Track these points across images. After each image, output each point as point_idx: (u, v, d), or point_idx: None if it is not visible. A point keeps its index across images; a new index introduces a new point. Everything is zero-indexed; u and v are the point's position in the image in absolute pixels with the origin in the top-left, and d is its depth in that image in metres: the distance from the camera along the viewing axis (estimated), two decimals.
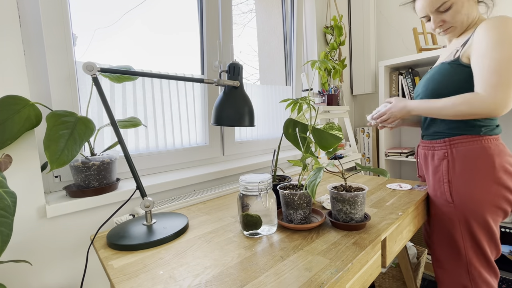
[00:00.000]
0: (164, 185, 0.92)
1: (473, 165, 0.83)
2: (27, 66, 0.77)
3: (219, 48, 1.22)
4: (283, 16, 1.70)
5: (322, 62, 0.72)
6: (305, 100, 0.75)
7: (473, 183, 0.82)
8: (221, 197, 0.99)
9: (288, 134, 0.79)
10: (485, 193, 0.81)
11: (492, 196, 0.81)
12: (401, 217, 0.73)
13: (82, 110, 0.88)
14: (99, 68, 0.66)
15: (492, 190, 0.81)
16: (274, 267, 0.50)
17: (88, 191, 0.76)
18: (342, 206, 0.66)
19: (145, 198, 0.68)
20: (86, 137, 0.65)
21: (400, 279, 1.28)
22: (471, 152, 0.83)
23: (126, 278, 0.49)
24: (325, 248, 0.57)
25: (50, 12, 0.77)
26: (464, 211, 0.83)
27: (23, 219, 0.68)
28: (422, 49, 1.73)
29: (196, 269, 0.51)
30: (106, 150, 0.85)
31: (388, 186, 1.03)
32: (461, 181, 0.84)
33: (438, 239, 0.91)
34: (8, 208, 0.45)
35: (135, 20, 1.05)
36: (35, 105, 0.66)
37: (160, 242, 0.62)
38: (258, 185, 0.62)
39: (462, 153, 0.85)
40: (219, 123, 0.74)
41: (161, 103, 1.07)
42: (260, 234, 0.64)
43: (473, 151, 0.83)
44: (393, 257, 0.76)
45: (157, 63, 1.12)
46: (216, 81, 0.73)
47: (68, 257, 0.75)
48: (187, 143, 1.17)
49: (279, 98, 1.61)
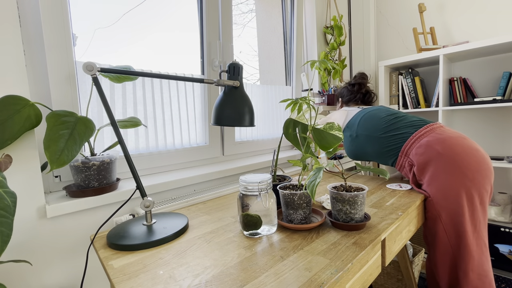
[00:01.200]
0: (164, 185, 0.92)
1: (426, 159, 0.91)
2: (27, 66, 0.77)
3: (219, 48, 1.22)
4: (283, 16, 1.70)
5: (322, 62, 0.72)
6: (305, 100, 0.75)
7: (434, 174, 0.89)
8: (221, 197, 0.99)
9: (288, 134, 0.78)
10: (451, 179, 0.87)
11: (458, 179, 0.87)
12: (401, 217, 0.73)
13: (82, 110, 0.88)
14: (99, 68, 0.65)
15: (451, 173, 0.87)
16: (274, 267, 0.50)
17: (88, 191, 0.76)
18: (342, 206, 0.66)
19: (145, 198, 0.68)
20: (86, 137, 0.65)
21: (394, 276, 1.28)
22: (417, 151, 0.94)
23: (126, 278, 0.49)
24: (325, 248, 0.57)
25: (50, 12, 0.77)
26: (440, 202, 0.88)
27: (23, 219, 0.68)
28: (422, 49, 1.73)
29: (196, 269, 0.51)
30: (106, 150, 0.85)
31: (388, 186, 1.03)
32: (426, 177, 0.92)
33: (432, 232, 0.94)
34: (8, 208, 0.45)
35: (135, 20, 1.05)
36: (35, 105, 0.66)
37: (160, 242, 0.62)
38: (258, 185, 0.62)
39: (414, 156, 0.95)
40: (219, 123, 0.74)
41: (161, 103, 1.07)
42: (260, 234, 0.64)
43: (418, 150, 0.94)
44: (393, 257, 0.76)
45: (157, 63, 1.12)
46: (216, 81, 0.73)
47: (68, 257, 0.75)
48: (187, 143, 1.17)
49: (279, 98, 1.61)
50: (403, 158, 0.99)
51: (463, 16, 1.73)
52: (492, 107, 1.66)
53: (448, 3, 1.78)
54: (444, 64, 1.60)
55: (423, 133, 0.96)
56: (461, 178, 0.85)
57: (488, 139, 1.69)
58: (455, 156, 0.86)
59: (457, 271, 0.88)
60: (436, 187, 0.88)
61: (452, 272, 0.89)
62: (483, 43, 1.42)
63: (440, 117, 1.62)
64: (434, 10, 1.84)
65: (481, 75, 1.69)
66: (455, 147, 0.88)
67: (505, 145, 1.64)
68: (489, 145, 1.69)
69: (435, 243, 0.90)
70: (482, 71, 1.68)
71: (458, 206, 0.85)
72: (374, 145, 1.07)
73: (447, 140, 0.90)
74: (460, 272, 0.86)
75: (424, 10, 1.72)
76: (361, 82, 1.37)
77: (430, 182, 0.90)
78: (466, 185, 0.84)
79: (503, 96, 1.51)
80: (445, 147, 0.88)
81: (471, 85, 1.65)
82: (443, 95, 1.62)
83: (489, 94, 1.67)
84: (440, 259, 0.90)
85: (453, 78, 1.66)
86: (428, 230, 0.93)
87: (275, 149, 0.99)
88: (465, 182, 0.84)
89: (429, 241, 0.93)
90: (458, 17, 1.75)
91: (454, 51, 1.53)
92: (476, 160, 0.86)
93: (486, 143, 1.70)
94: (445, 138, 0.90)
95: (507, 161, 1.45)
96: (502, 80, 1.52)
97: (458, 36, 1.76)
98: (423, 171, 0.92)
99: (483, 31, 1.67)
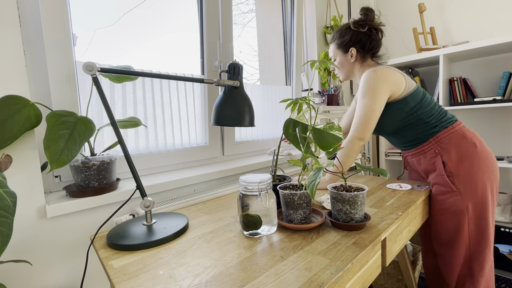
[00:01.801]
0: (164, 185, 0.92)
1: (464, 152, 0.90)
2: (27, 66, 0.77)
3: (219, 48, 1.22)
4: (283, 16, 1.70)
5: (322, 62, 0.72)
6: (305, 100, 0.75)
7: (470, 167, 0.89)
8: (221, 197, 0.99)
9: (288, 134, 0.78)
10: (482, 173, 0.88)
11: (487, 174, 0.89)
12: (401, 217, 0.73)
13: (82, 110, 0.88)
14: (99, 68, 0.65)
15: (484, 168, 0.89)
16: (274, 267, 0.50)
17: (88, 191, 0.76)
18: (342, 206, 0.66)
19: (145, 198, 0.68)
20: (86, 137, 0.65)
21: (394, 276, 1.28)
22: (455, 141, 0.92)
23: (126, 278, 0.49)
24: (325, 248, 0.57)
25: (50, 12, 0.77)
26: (469, 195, 0.89)
27: (23, 219, 0.68)
28: (422, 49, 1.73)
29: (196, 269, 0.51)
30: (106, 150, 0.85)
31: (388, 186, 1.03)
32: (460, 170, 0.90)
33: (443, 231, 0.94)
34: (8, 208, 0.45)
35: (135, 20, 1.05)
36: (35, 105, 0.66)
37: (160, 242, 0.62)
38: (258, 185, 0.62)
39: (449, 145, 0.92)
40: (219, 123, 0.74)
41: (161, 103, 1.07)
42: (260, 234, 0.64)
43: (456, 140, 0.92)
44: (393, 257, 0.76)
45: (157, 63, 1.12)
46: (216, 81, 0.73)
47: (68, 257, 0.75)
48: (187, 143, 1.17)
49: (279, 98, 1.61)
50: (432, 144, 0.95)
51: (463, 16, 1.73)
52: (492, 107, 1.66)
53: (448, 3, 1.78)
54: (444, 64, 1.60)
55: (462, 125, 0.96)
56: (489, 173, 0.89)
57: (488, 139, 1.69)
58: (488, 153, 0.91)
59: (471, 265, 0.90)
60: (469, 182, 0.89)
61: (464, 268, 0.91)
62: (483, 43, 1.42)
63: None
64: (434, 10, 1.84)
65: (481, 75, 1.69)
66: (484, 144, 0.93)
67: (505, 145, 1.64)
68: (489, 145, 1.69)
69: (455, 240, 0.90)
70: (482, 71, 1.68)
71: (485, 201, 0.88)
72: (413, 125, 0.97)
73: (477, 136, 0.94)
74: (476, 266, 0.89)
75: (424, 10, 1.72)
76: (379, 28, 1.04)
77: (464, 176, 0.89)
78: (492, 180, 0.89)
79: (503, 96, 1.51)
80: (482, 144, 0.92)
81: (471, 85, 1.65)
82: (443, 95, 1.62)
83: (489, 94, 1.67)
84: (457, 255, 0.91)
85: (453, 78, 1.66)
86: (445, 228, 0.92)
87: (275, 149, 0.99)
88: (491, 177, 0.89)
89: (444, 240, 0.93)
90: (458, 17, 1.75)
91: (454, 51, 1.53)
92: (495, 158, 0.93)
93: (487, 143, 1.70)
94: (476, 134, 0.94)
95: (507, 161, 1.45)
96: (502, 80, 1.52)
97: (458, 36, 1.76)
98: (459, 163, 0.90)
99: (483, 31, 1.67)
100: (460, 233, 0.90)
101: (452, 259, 0.92)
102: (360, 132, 0.91)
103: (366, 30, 1.00)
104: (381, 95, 0.90)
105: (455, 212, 0.90)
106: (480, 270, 0.89)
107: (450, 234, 0.92)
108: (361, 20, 1.02)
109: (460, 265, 0.91)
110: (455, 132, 0.93)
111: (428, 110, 0.95)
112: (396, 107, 0.94)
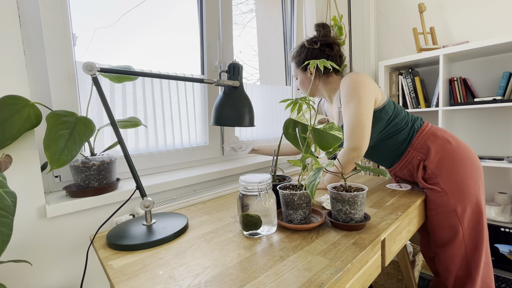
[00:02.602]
0: (164, 185, 0.92)
1: (439, 149, 0.91)
2: (27, 66, 0.77)
3: (219, 48, 1.22)
4: (283, 16, 1.70)
5: (322, 62, 0.72)
6: (305, 100, 0.75)
7: (451, 165, 0.90)
8: (221, 197, 0.99)
9: (288, 134, 0.78)
10: (463, 170, 0.89)
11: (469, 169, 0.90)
12: (400, 217, 0.73)
13: (82, 110, 0.88)
14: (99, 68, 0.65)
15: (464, 163, 0.90)
16: (274, 267, 0.50)
17: (88, 191, 0.76)
18: (342, 206, 0.66)
19: (145, 198, 0.68)
20: (86, 137, 0.65)
21: (394, 276, 1.28)
22: (429, 142, 0.93)
23: (126, 278, 0.49)
24: (325, 248, 0.57)
25: (50, 12, 0.77)
26: (455, 194, 0.89)
27: (23, 219, 0.68)
28: (422, 49, 1.73)
29: (195, 269, 0.51)
30: (106, 150, 0.85)
31: (388, 186, 1.03)
32: (443, 169, 0.90)
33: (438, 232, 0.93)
34: (8, 208, 0.45)
35: (135, 20, 1.05)
36: (35, 105, 0.66)
37: (160, 242, 0.62)
38: (258, 185, 0.62)
39: (424, 147, 0.93)
40: (219, 123, 0.74)
41: (161, 103, 1.07)
42: (260, 234, 0.64)
43: (429, 140, 0.93)
44: (393, 257, 0.76)
45: (157, 63, 1.12)
46: (216, 81, 0.73)
47: (68, 257, 0.75)
48: (187, 143, 1.17)
49: (279, 98, 1.61)
50: (411, 152, 0.95)
51: (463, 16, 1.73)
52: (492, 107, 1.66)
53: (448, 3, 1.78)
54: (444, 64, 1.60)
55: (430, 125, 0.97)
56: (471, 168, 0.89)
57: (488, 139, 1.69)
58: (465, 148, 0.92)
59: (469, 265, 0.90)
60: (453, 180, 0.89)
61: (462, 268, 0.90)
62: (483, 43, 1.42)
63: (440, 117, 1.62)
64: (434, 10, 1.84)
65: (481, 75, 1.69)
66: (458, 139, 0.94)
67: (505, 145, 1.64)
68: (489, 145, 1.69)
69: (451, 240, 0.90)
70: (482, 71, 1.68)
71: (472, 196, 0.88)
72: (389, 141, 0.98)
73: (448, 133, 0.95)
74: (472, 264, 0.89)
75: (424, 10, 1.72)
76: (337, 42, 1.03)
77: (447, 175, 0.89)
78: (475, 175, 0.89)
79: (503, 96, 1.51)
80: (455, 139, 0.93)
81: (471, 85, 1.65)
82: (443, 95, 1.62)
83: (489, 94, 1.67)
84: (454, 256, 0.90)
85: (453, 78, 1.66)
86: (440, 229, 0.92)
87: (275, 149, 0.99)
88: (473, 172, 0.89)
89: (439, 242, 0.93)
90: (458, 17, 1.75)
91: (454, 51, 1.53)
92: (473, 152, 0.94)
93: (486, 143, 1.70)
94: (446, 131, 0.96)
95: (507, 161, 1.45)
96: (502, 80, 1.52)
97: (458, 36, 1.76)
98: (439, 163, 0.90)
99: (483, 31, 1.67)
100: (454, 232, 0.89)
101: (449, 259, 0.92)
102: (353, 142, 0.85)
103: (319, 46, 0.99)
104: (367, 97, 0.87)
105: (444, 212, 0.90)
106: (476, 268, 0.88)
107: (445, 234, 0.91)
108: (314, 37, 1.02)
109: (458, 265, 0.91)
110: (426, 133, 0.94)
111: (402, 117, 0.96)
112: (378, 116, 0.94)
